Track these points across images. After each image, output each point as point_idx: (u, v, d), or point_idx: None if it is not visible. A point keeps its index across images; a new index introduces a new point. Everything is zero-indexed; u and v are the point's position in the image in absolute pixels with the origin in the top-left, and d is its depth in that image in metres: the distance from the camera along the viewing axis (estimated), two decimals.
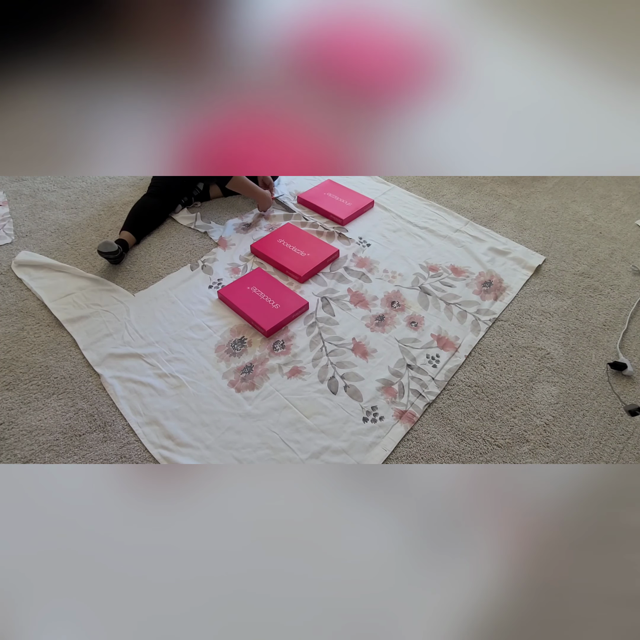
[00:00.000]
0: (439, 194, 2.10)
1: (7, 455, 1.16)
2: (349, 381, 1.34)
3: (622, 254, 1.81)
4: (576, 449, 1.23)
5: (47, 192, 2.00)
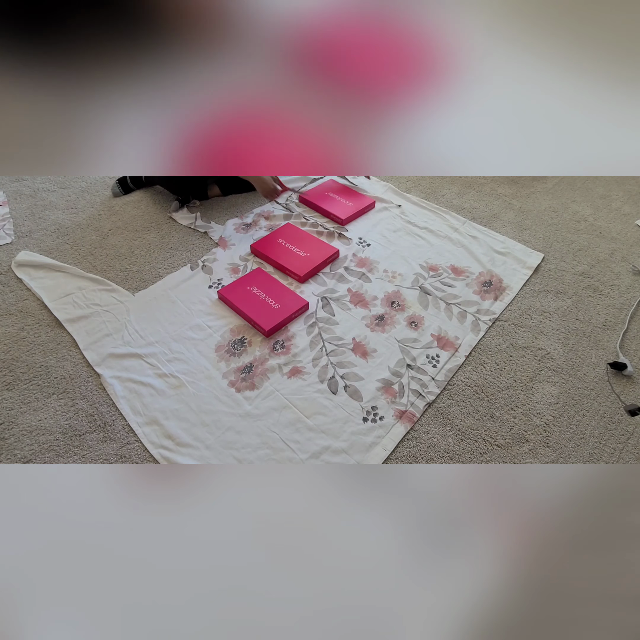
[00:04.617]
0: (439, 194, 2.10)
1: (7, 455, 1.16)
2: (349, 381, 1.34)
3: (622, 254, 1.81)
4: (576, 449, 1.23)
5: (47, 192, 2.00)
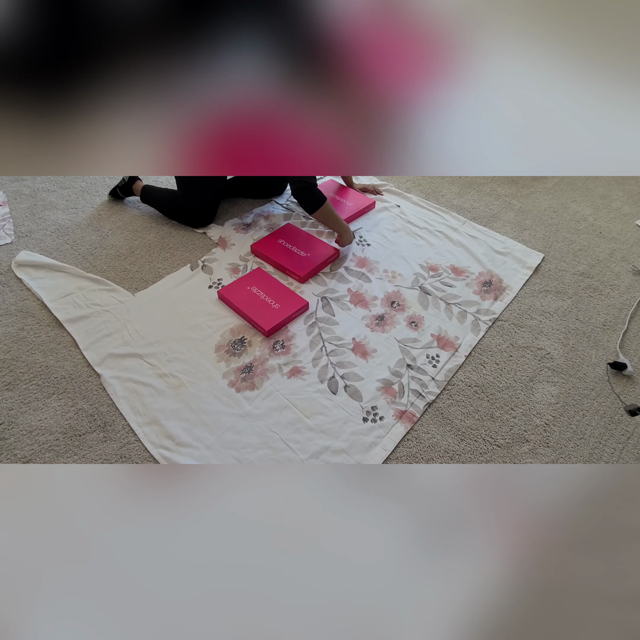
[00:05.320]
0: (439, 194, 2.10)
1: (7, 455, 1.16)
2: (349, 381, 1.34)
3: (622, 254, 1.81)
4: (576, 449, 1.23)
5: (47, 192, 2.00)
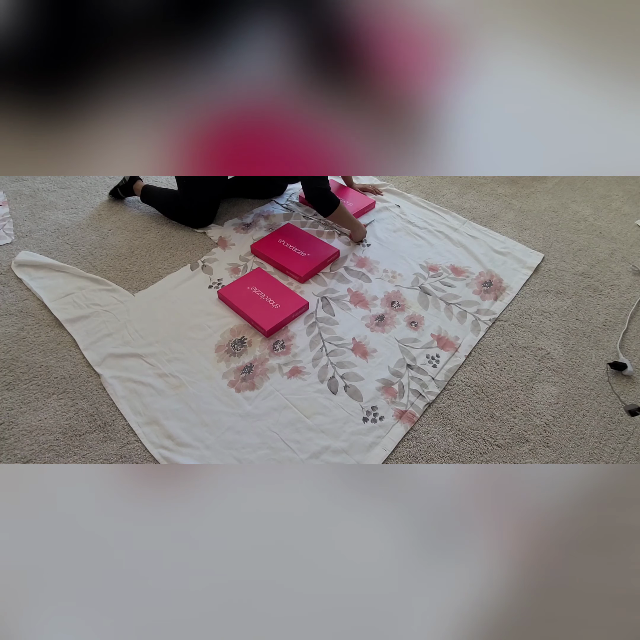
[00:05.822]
0: (439, 194, 2.10)
1: (7, 455, 1.16)
2: (349, 381, 1.34)
3: (622, 254, 1.81)
4: (576, 449, 1.23)
5: (47, 192, 2.00)
